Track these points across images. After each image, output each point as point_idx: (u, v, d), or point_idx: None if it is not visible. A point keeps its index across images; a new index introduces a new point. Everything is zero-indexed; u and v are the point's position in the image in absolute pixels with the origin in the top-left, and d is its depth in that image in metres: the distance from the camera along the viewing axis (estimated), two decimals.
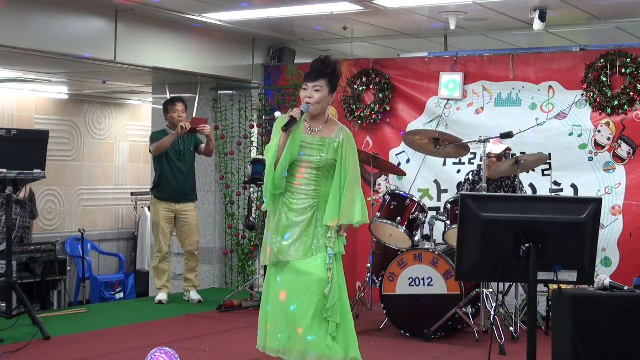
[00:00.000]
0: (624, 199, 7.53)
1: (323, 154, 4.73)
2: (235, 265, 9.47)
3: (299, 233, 4.71)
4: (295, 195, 4.74)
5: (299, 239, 4.70)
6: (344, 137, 4.78)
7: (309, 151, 4.73)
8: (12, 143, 6.28)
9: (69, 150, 11.45)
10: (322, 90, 4.72)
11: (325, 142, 4.75)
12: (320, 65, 4.76)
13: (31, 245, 9.31)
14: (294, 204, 4.73)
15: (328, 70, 4.74)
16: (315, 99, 4.71)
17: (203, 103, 9.56)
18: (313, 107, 4.72)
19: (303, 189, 4.74)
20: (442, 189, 8.32)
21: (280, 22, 8.55)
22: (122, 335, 6.81)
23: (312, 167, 4.73)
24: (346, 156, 4.76)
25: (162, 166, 8.11)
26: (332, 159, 4.74)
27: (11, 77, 9.99)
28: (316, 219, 4.73)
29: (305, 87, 4.76)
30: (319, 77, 4.72)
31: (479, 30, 8.69)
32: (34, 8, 7.19)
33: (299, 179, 4.74)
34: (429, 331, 6.53)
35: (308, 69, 4.83)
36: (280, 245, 4.72)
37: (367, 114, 8.61)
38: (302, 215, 4.72)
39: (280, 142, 4.67)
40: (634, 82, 7.41)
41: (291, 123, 4.62)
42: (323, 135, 4.77)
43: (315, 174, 4.74)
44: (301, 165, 4.73)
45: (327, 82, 4.73)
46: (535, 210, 3.72)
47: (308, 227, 4.72)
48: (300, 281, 4.67)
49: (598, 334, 4.67)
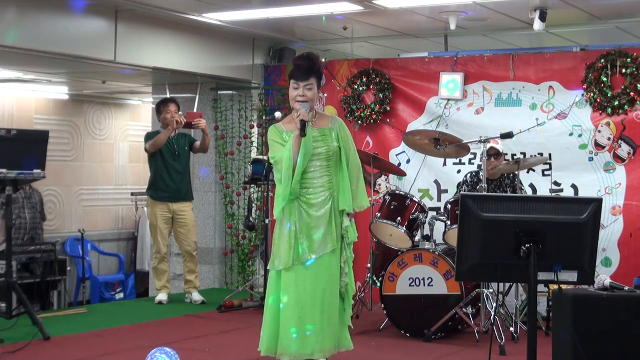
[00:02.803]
0: (624, 199, 7.53)
1: (329, 143, 4.83)
2: (235, 265, 9.47)
3: (324, 227, 4.77)
4: (311, 190, 4.80)
5: (325, 233, 4.77)
6: (339, 124, 4.93)
7: (315, 144, 4.81)
8: (12, 143, 6.28)
9: (69, 150, 11.46)
10: (313, 88, 4.85)
11: (325, 132, 4.86)
12: (307, 62, 4.85)
13: (31, 245, 9.31)
14: (312, 199, 4.79)
15: (316, 66, 4.85)
16: (309, 96, 4.83)
17: (203, 103, 9.56)
18: (309, 104, 4.81)
19: (318, 182, 4.81)
20: (442, 189, 8.32)
21: (280, 22, 8.55)
22: (122, 335, 6.81)
23: (322, 159, 4.82)
24: (346, 142, 4.90)
25: (156, 166, 8.09)
26: (337, 146, 4.85)
27: (11, 77, 9.99)
28: (334, 208, 4.82)
29: (295, 86, 4.85)
30: (309, 75, 4.82)
31: (479, 30, 8.69)
32: (34, 8, 7.19)
33: (311, 174, 4.80)
34: (429, 331, 6.52)
35: (294, 68, 4.88)
36: (310, 243, 4.75)
37: (367, 114, 8.61)
38: (322, 207, 4.79)
39: (294, 146, 4.72)
40: (634, 82, 7.41)
41: (305, 125, 4.72)
42: (320, 126, 4.88)
43: (326, 165, 4.83)
44: (311, 159, 4.80)
45: (316, 79, 4.85)
46: (535, 210, 3.72)
47: (330, 219, 4.80)
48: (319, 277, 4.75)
49: (598, 334, 4.67)
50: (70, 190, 11.47)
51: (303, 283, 4.73)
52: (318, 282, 4.72)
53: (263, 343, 4.83)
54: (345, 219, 4.84)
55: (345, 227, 4.82)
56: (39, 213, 9.67)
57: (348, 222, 4.84)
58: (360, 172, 4.94)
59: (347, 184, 4.83)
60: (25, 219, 9.54)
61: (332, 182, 4.83)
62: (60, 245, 10.60)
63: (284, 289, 4.78)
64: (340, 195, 4.82)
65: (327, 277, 4.75)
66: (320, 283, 4.73)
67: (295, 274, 4.75)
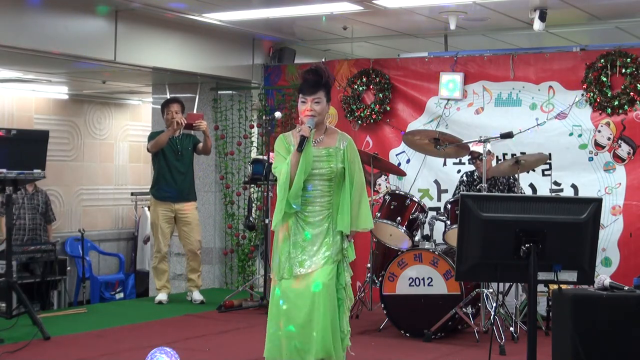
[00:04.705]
0: (624, 199, 7.53)
1: (332, 164, 4.74)
2: (235, 265, 9.47)
3: (318, 245, 4.71)
4: (310, 208, 4.74)
5: (318, 251, 4.70)
6: (347, 144, 4.81)
7: (318, 164, 4.73)
8: (12, 143, 6.28)
9: (69, 150, 11.46)
10: (321, 102, 4.73)
11: (331, 152, 4.76)
12: (315, 76, 4.74)
13: (31, 245, 9.31)
14: (310, 217, 4.74)
15: (323, 80, 4.74)
16: (317, 111, 4.71)
17: (203, 103, 9.56)
18: (316, 119, 4.72)
19: (317, 201, 4.74)
20: (442, 189, 8.32)
21: (280, 22, 8.55)
22: (122, 335, 6.81)
23: (324, 179, 4.74)
24: (352, 163, 4.79)
25: (160, 165, 8.10)
26: (341, 168, 4.76)
27: (11, 77, 9.99)
28: (332, 228, 4.75)
29: (303, 100, 4.74)
30: (317, 88, 4.72)
31: (479, 30, 8.69)
32: (34, 8, 7.19)
33: (312, 192, 4.74)
34: (429, 331, 6.53)
35: (302, 82, 4.79)
36: (301, 260, 4.71)
37: (367, 114, 8.61)
38: (319, 227, 4.73)
39: (292, 161, 4.66)
40: (634, 82, 7.41)
41: (304, 142, 4.64)
42: (327, 145, 4.77)
43: (328, 184, 4.75)
44: (313, 178, 4.72)
45: (324, 93, 4.75)
46: (535, 210, 3.72)
47: (326, 238, 4.73)
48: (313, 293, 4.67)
49: (598, 334, 4.67)
50: (70, 190, 11.46)
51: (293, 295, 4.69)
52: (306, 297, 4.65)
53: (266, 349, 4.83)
54: (344, 241, 4.76)
55: (345, 248, 4.76)
56: (41, 215, 9.64)
57: (347, 244, 4.77)
58: (364, 193, 4.82)
59: (348, 205, 4.73)
60: (25, 220, 9.53)
61: (331, 203, 4.76)
62: (60, 245, 10.59)
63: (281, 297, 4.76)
64: (339, 216, 4.74)
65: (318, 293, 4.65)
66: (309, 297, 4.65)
67: (288, 285, 4.72)
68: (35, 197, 9.66)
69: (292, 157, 4.67)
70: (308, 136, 4.64)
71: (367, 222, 4.83)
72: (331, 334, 4.63)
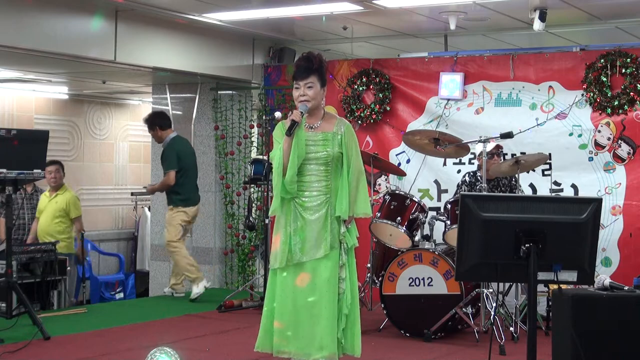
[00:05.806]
0: (624, 199, 7.53)
1: (329, 148, 4.76)
2: (235, 265, 9.47)
3: (317, 231, 4.72)
4: (307, 194, 4.75)
5: (318, 237, 4.71)
6: (345, 129, 4.82)
7: (314, 148, 4.75)
8: (12, 143, 6.27)
9: (69, 150, 11.45)
10: (314, 86, 4.76)
11: (329, 137, 4.78)
12: (306, 61, 4.79)
13: (31, 245, 9.30)
14: (307, 202, 4.75)
15: (315, 65, 4.78)
16: (310, 95, 4.75)
17: (203, 103, 9.57)
18: (310, 104, 4.75)
19: (314, 186, 4.76)
20: (442, 189, 8.32)
21: (280, 22, 8.55)
22: (122, 335, 6.81)
23: (320, 163, 4.76)
24: (349, 148, 4.80)
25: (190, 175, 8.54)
26: (338, 152, 4.77)
27: (11, 77, 10.00)
28: (330, 214, 4.76)
29: (297, 85, 4.79)
30: (309, 73, 4.76)
31: (479, 30, 8.69)
32: (34, 8, 7.19)
33: (308, 177, 4.76)
34: (429, 331, 6.52)
35: (295, 69, 4.84)
36: (302, 245, 4.72)
37: (367, 114, 8.61)
38: (317, 212, 4.74)
39: (284, 146, 4.68)
40: (634, 82, 7.42)
41: (294, 126, 4.66)
42: (324, 130, 4.80)
43: (324, 169, 4.77)
44: (309, 163, 4.75)
45: (317, 77, 4.77)
46: (535, 210, 3.71)
47: (324, 224, 4.74)
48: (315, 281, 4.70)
49: (598, 334, 4.67)
50: None
51: (291, 284, 4.72)
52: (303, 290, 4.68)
53: (257, 340, 4.86)
54: (342, 226, 4.76)
55: (342, 233, 4.76)
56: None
57: (344, 229, 4.77)
58: (361, 178, 4.83)
59: (346, 190, 4.75)
60: (24, 220, 9.53)
61: (329, 188, 4.77)
62: None
63: (278, 287, 4.79)
64: (337, 201, 4.75)
65: (318, 284, 4.68)
66: (306, 290, 4.68)
67: (287, 274, 4.74)
68: (35, 197, 9.65)
69: (283, 142, 4.70)
70: (299, 121, 4.66)
71: (365, 207, 4.81)
72: (333, 330, 4.66)
